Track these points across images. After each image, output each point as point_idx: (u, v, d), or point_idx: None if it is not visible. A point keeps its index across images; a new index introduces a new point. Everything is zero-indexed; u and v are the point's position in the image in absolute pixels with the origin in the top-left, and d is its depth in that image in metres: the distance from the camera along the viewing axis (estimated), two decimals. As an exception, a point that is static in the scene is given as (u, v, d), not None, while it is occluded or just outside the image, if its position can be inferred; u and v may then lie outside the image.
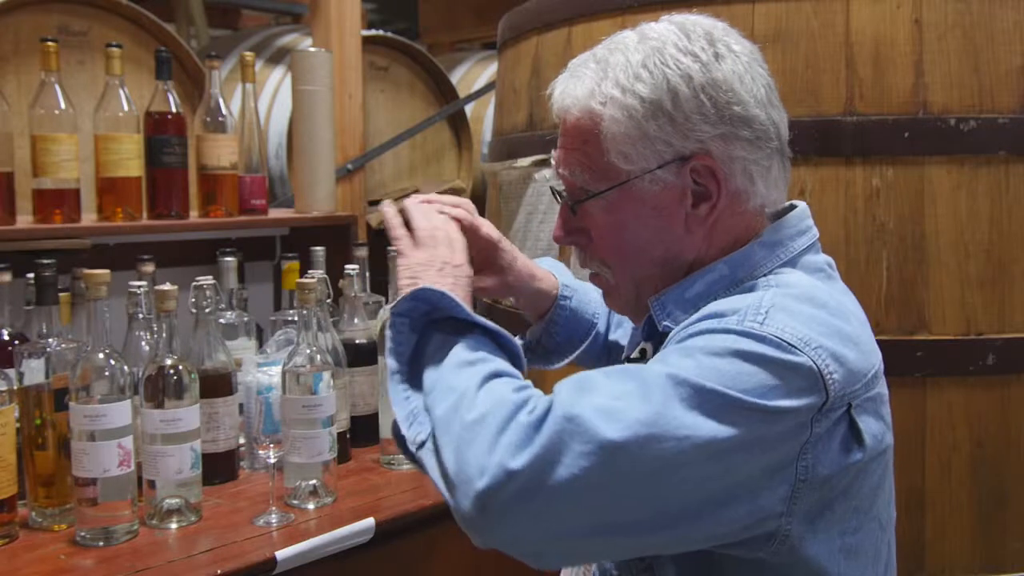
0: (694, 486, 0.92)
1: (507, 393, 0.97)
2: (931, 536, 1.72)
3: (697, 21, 1.10)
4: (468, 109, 3.58)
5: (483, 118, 3.71)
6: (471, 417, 0.95)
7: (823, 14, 1.75)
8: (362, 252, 2.14)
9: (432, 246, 1.17)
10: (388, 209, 1.23)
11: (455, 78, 3.79)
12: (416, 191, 3.25)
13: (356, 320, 2.04)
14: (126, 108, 2.09)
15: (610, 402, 0.92)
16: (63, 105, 2.00)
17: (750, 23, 1.79)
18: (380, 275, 2.26)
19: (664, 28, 1.08)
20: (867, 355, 1.04)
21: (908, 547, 1.72)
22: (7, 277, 1.67)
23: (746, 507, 0.95)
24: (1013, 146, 1.71)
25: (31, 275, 1.69)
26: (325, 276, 1.95)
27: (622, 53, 1.07)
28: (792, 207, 1.17)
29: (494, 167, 2.43)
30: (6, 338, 1.68)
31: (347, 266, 2.02)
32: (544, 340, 1.42)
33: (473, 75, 3.92)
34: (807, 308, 1.01)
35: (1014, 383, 1.73)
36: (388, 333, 1.08)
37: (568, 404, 0.93)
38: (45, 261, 1.63)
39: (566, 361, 1.43)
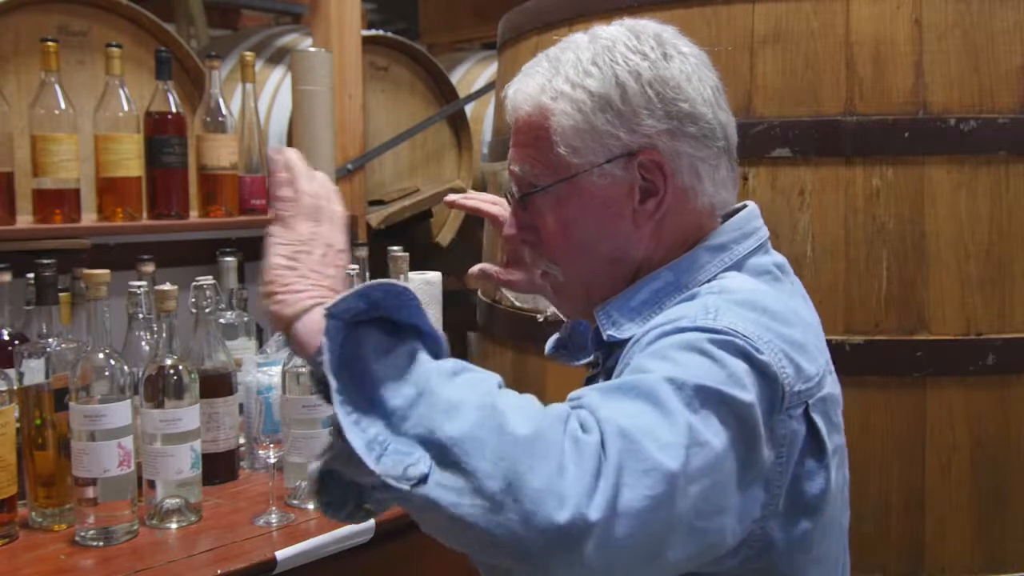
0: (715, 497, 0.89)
1: (539, 405, 0.90)
2: (931, 536, 1.72)
3: (647, 25, 1.13)
4: (468, 109, 3.58)
5: (483, 118, 3.71)
6: (523, 433, 0.83)
7: (823, 14, 1.75)
8: (362, 252, 2.14)
9: (316, 220, 1.03)
10: (281, 158, 1.06)
11: (455, 78, 3.79)
12: (416, 191, 3.26)
13: (356, 320, 2.04)
14: (126, 108, 2.09)
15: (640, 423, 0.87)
16: (63, 105, 2.00)
17: (750, 23, 1.79)
18: (380, 275, 2.26)
19: (614, 30, 1.12)
20: (813, 358, 1.03)
21: (908, 547, 1.72)
22: (7, 277, 1.67)
23: (737, 514, 0.93)
24: (1013, 146, 1.71)
25: (31, 275, 1.69)
26: (325, 276, 1.95)
27: (573, 51, 1.10)
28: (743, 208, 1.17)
29: (494, 167, 2.43)
30: (6, 338, 1.69)
31: (347, 266, 2.02)
32: (573, 337, 1.39)
33: (473, 75, 3.92)
34: (749, 313, 1.00)
35: (1014, 383, 1.73)
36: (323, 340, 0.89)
37: (612, 418, 0.86)
38: (45, 261, 1.63)
39: (591, 358, 1.42)
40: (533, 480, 0.81)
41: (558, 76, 1.09)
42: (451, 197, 1.41)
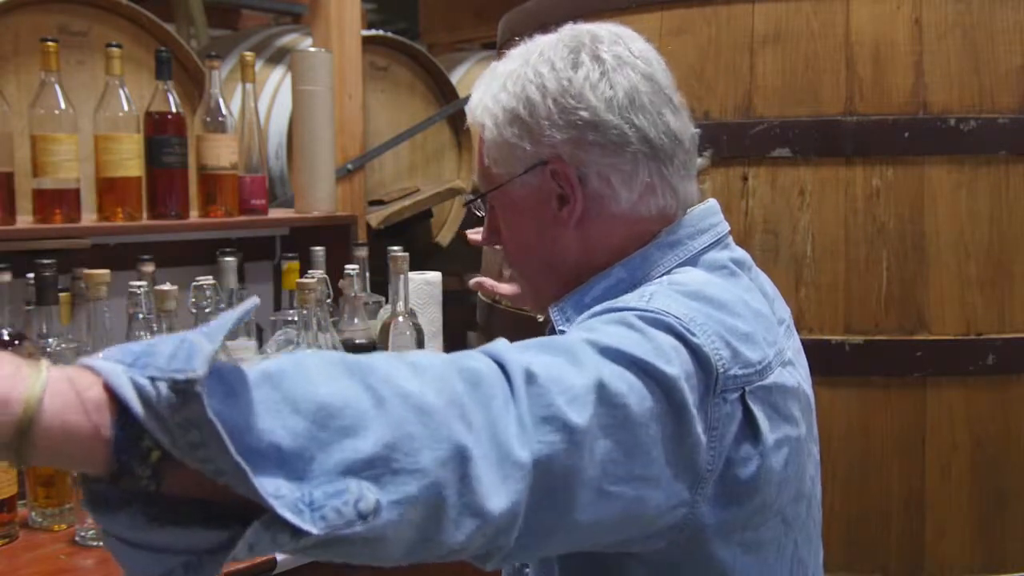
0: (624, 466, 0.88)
1: (412, 358, 0.80)
2: (931, 536, 1.72)
3: (585, 29, 1.16)
4: (468, 109, 3.58)
5: (483, 118, 3.71)
6: (438, 403, 0.75)
7: (823, 14, 1.75)
8: (362, 252, 2.14)
9: None
10: None
11: (455, 78, 3.79)
12: (416, 191, 3.25)
13: (356, 320, 2.04)
14: (126, 108, 2.09)
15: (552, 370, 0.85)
16: (63, 105, 2.00)
17: (750, 23, 1.79)
18: (380, 275, 2.26)
19: (546, 38, 1.17)
20: (758, 347, 1.03)
21: (908, 547, 1.72)
22: (7, 277, 1.67)
23: (664, 490, 0.91)
24: (1013, 146, 1.71)
25: (31, 275, 1.69)
26: (325, 276, 1.95)
27: (506, 63, 1.16)
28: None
29: (494, 167, 2.43)
30: (6, 338, 1.69)
31: (347, 266, 2.02)
32: None
33: (473, 75, 3.91)
34: (689, 301, 1.00)
35: (1014, 383, 1.73)
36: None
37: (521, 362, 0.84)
38: (45, 261, 1.63)
39: None
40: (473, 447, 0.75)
41: (487, 92, 1.16)
42: (476, 280, 1.54)
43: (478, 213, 1.24)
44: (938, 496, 1.72)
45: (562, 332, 1.10)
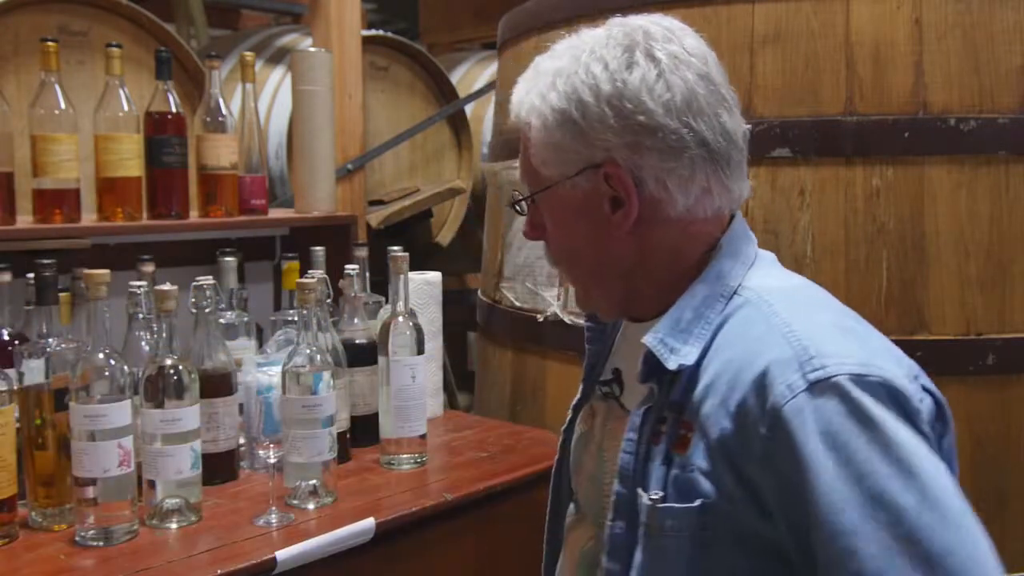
0: None
1: None
2: (931, 536, 1.72)
3: (637, 25, 1.10)
4: (468, 109, 3.58)
5: (483, 118, 3.71)
6: None
7: (823, 14, 1.75)
8: (362, 252, 2.14)
9: None
10: None
11: (455, 78, 3.79)
12: (416, 191, 3.25)
13: (356, 320, 2.04)
14: (126, 108, 2.09)
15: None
16: (63, 105, 2.00)
17: (750, 23, 1.79)
18: (380, 275, 2.26)
19: (596, 32, 1.11)
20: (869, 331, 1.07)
21: (908, 547, 1.72)
22: (7, 277, 1.67)
23: None
24: (1013, 146, 1.71)
25: (31, 275, 1.69)
26: (325, 276, 1.95)
27: (552, 60, 1.12)
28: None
29: (494, 167, 2.43)
30: (6, 338, 1.69)
31: (347, 266, 2.02)
32: None
33: (473, 75, 3.92)
34: (818, 315, 1.03)
35: (1014, 383, 1.73)
36: None
37: None
38: (45, 261, 1.63)
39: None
40: None
41: (533, 90, 1.11)
42: None
43: (518, 210, 1.20)
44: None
45: (681, 366, 1.04)
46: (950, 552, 0.88)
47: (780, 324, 1.01)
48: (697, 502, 1.00)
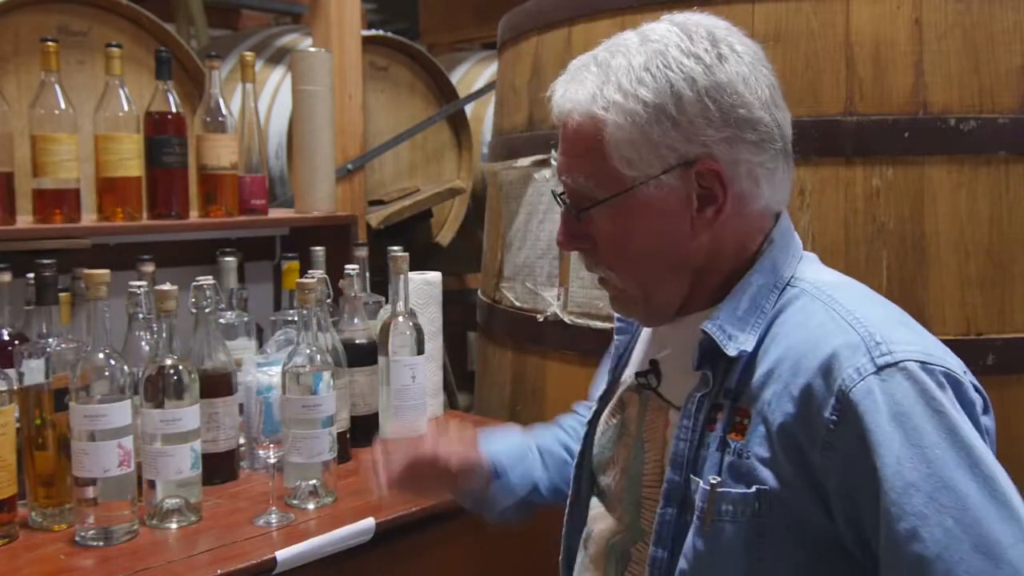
0: None
1: None
2: (931, 536, 1.72)
3: (699, 21, 1.08)
4: (468, 109, 3.58)
5: (483, 118, 3.71)
6: None
7: (823, 14, 1.75)
8: (362, 252, 2.14)
9: None
10: None
11: (455, 78, 3.79)
12: (416, 191, 3.25)
13: (356, 320, 2.04)
14: (126, 108, 2.09)
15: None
16: (63, 105, 2.00)
17: (750, 23, 1.79)
18: (380, 275, 2.26)
19: (666, 29, 1.07)
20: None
21: (908, 547, 1.72)
22: (7, 277, 1.68)
23: None
24: (1013, 146, 1.71)
25: (31, 275, 1.69)
26: (325, 276, 1.95)
27: (624, 56, 1.05)
28: None
29: (494, 167, 2.43)
30: (6, 338, 1.69)
31: (347, 266, 2.02)
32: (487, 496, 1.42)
33: (473, 75, 3.91)
34: (878, 307, 1.06)
35: (1014, 383, 1.73)
36: None
37: None
38: (45, 261, 1.63)
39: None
40: None
41: (609, 84, 1.05)
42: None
43: (579, 218, 1.12)
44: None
45: (741, 352, 1.05)
46: (1012, 544, 0.90)
47: (843, 312, 1.02)
48: (753, 488, 1.01)
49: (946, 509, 0.91)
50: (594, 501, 1.29)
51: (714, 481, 1.03)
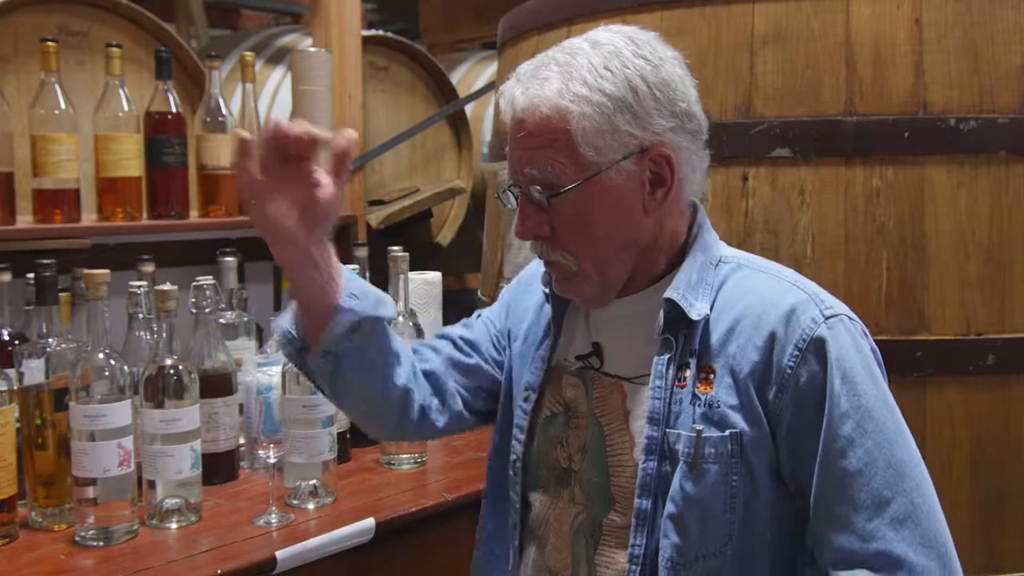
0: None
1: None
2: (931, 536, 1.72)
3: (635, 30, 1.22)
4: (468, 109, 3.58)
5: (483, 118, 3.71)
6: None
7: (823, 14, 1.75)
8: (362, 252, 2.14)
9: None
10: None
11: (455, 78, 3.79)
12: (416, 191, 3.25)
13: (356, 320, 2.04)
14: (126, 108, 2.09)
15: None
16: (63, 105, 2.00)
17: (750, 23, 1.79)
18: (380, 275, 2.26)
19: (612, 36, 1.20)
20: None
21: (908, 547, 1.72)
22: (7, 277, 1.68)
23: None
24: (1013, 146, 1.71)
25: (31, 275, 1.69)
26: (325, 276, 1.95)
27: (583, 56, 1.17)
28: None
29: (494, 167, 2.43)
30: (6, 338, 1.69)
31: (347, 266, 2.01)
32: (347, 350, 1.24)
33: (473, 75, 3.91)
34: (803, 277, 1.23)
35: (1014, 383, 1.73)
36: None
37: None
38: (45, 261, 1.63)
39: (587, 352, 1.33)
40: None
41: (574, 80, 1.16)
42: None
43: (543, 207, 1.18)
44: (938, 496, 1.72)
45: (702, 313, 1.18)
46: (913, 463, 1.14)
47: (786, 278, 1.22)
48: (727, 432, 1.16)
49: (868, 434, 1.12)
50: (535, 496, 1.32)
51: (698, 428, 1.16)
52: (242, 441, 1.88)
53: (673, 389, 1.19)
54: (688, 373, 1.19)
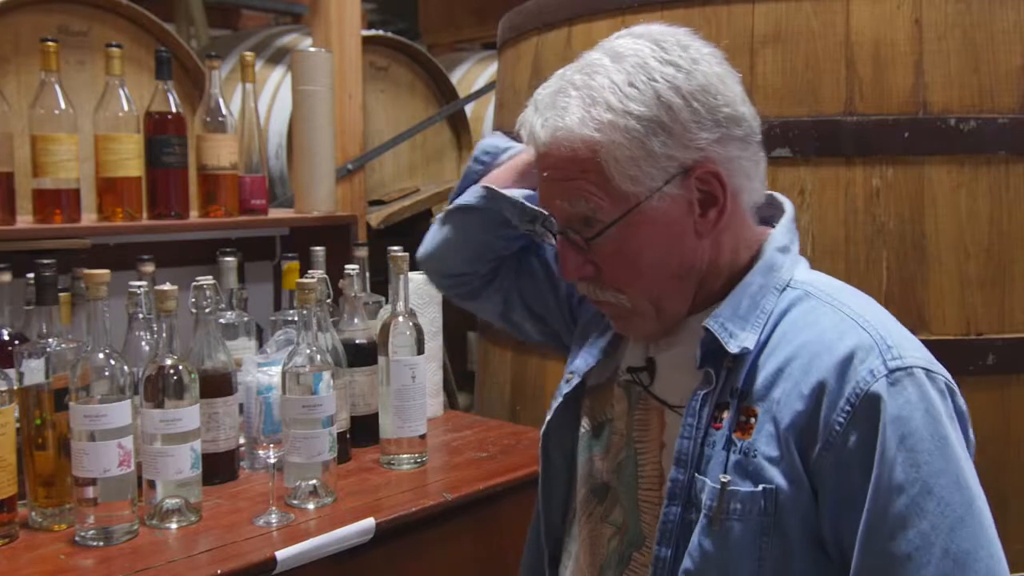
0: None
1: None
2: (931, 536, 1.72)
3: (662, 31, 1.09)
4: (468, 109, 3.58)
5: (483, 118, 3.71)
6: None
7: (823, 14, 1.75)
8: (362, 252, 2.14)
9: None
10: None
11: (455, 78, 3.79)
12: (416, 191, 3.26)
13: (356, 320, 2.04)
14: (126, 108, 2.09)
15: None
16: (63, 105, 2.00)
17: (750, 23, 1.79)
18: (380, 275, 2.26)
19: (634, 43, 1.07)
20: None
21: (908, 547, 1.72)
22: (7, 277, 1.67)
23: None
24: (1013, 146, 1.71)
25: (31, 275, 1.69)
26: (325, 276, 1.95)
27: (602, 75, 1.05)
28: (772, 199, 1.19)
29: (494, 167, 2.42)
30: (6, 338, 1.68)
31: (347, 266, 2.02)
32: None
33: (473, 75, 3.92)
34: (883, 314, 1.07)
35: (1014, 383, 1.73)
36: None
37: None
38: (45, 261, 1.63)
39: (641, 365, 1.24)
40: None
41: (596, 105, 1.03)
42: None
43: (583, 248, 1.09)
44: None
45: (743, 349, 1.05)
46: (980, 557, 0.96)
47: (853, 314, 1.04)
48: (760, 487, 1.01)
49: (926, 514, 0.94)
50: (583, 495, 1.25)
51: (725, 480, 1.02)
52: (242, 441, 1.88)
53: (708, 430, 1.06)
54: (727, 414, 1.05)
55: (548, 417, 1.30)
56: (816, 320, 1.05)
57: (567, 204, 1.08)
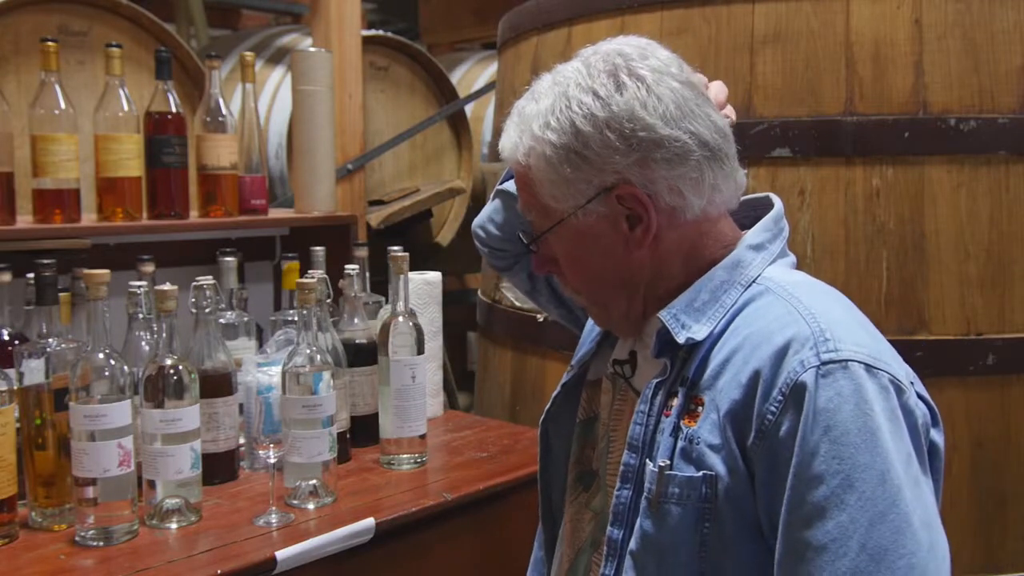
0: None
1: None
2: (931, 536, 1.72)
3: (603, 52, 1.13)
4: (468, 109, 3.58)
5: (483, 118, 3.71)
6: None
7: (823, 14, 1.75)
8: (362, 252, 2.14)
9: None
10: None
11: (455, 78, 3.79)
12: (416, 191, 3.25)
13: (356, 320, 2.04)
14: (126, 108, 2.09)
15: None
16: (63, 105, 2.00)
17: (750, 23, 1.79)
18: (380, 275, 2.26)
19: (572, 67, 1.14)
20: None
21: (908, 547, 1.72)
22: (7, 277, 1.67)
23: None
24: (1013, 146, 1.72)
25: (31, 275, 1.69)
26: (325, 276, 1.95)
27: (536, 102, 1.14)
28: (766, 199, 1.23)
29: (494, 167, 2.43)
30: (6, 338, 1.68)
31: (347, 266, 2.02)
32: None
33: (473, 75, 3.92)
34: (838, 307, 1.09)
35: (1014, 383, 1.73)
36: None
37: None
38: (45, 261, 1.63)
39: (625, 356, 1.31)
40: None
41: (525, 133, 1.14)
42: None
43: (532, 249, 1.23)
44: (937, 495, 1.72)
45: (689, 340, 1.10)
46: (899, 555, 0.95)
47: (800, 307, 1.06)
48: (701, 473, 1.05)
49: (845, 507, 0.95)
50: (570, 481, 1.33)
51: (663, 464, 1.07)
52: (242, 441, 1.88)
53: (660, 417, 1.11)
54: (675, 401, 1.10)
55: (548, 405, 1.38)
56: (765, 313, 1.08)
57: (526, 213, 1.21)
